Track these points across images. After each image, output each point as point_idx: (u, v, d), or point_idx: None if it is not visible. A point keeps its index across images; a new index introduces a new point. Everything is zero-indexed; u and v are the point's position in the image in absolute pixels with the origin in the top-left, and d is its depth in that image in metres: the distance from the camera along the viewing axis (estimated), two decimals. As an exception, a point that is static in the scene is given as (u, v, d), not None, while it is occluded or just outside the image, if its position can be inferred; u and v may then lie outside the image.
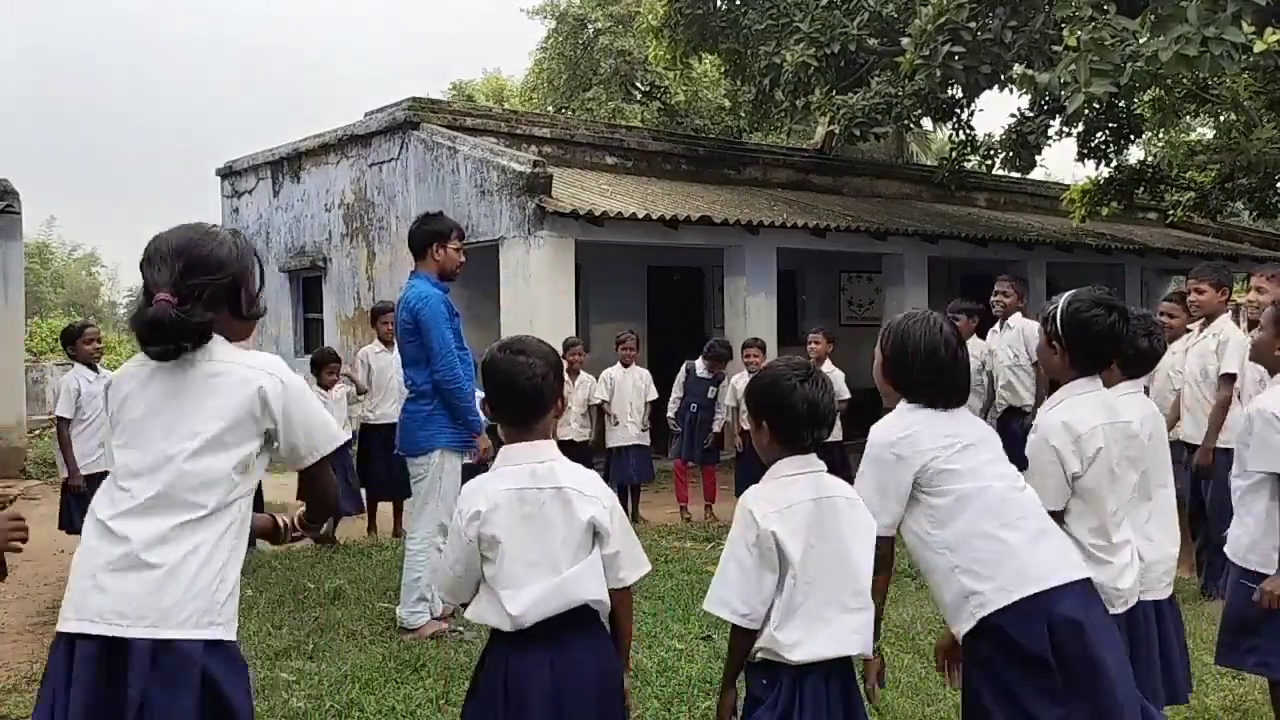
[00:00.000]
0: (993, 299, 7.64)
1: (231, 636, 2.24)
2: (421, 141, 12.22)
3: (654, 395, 8.69)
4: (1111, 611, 2.74)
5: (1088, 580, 2.60)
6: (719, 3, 13.53)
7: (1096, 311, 2.83)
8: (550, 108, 24.82)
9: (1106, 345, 2.88)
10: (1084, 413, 2.80)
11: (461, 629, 5.22)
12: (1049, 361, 2.99)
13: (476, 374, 5.47)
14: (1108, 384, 3.02)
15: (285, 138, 15.86)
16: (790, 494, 2.48)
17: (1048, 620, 2.46)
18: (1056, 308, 2.91)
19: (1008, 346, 7.48)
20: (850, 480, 2.62)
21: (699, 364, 8.64)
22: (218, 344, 2.31)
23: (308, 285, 14.87)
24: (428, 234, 5.32)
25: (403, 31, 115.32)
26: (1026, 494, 2.64)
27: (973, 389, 3.55)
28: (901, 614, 5.18)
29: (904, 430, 2.63)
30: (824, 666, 2.43)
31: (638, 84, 25.47)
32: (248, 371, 2.30)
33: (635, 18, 20.82)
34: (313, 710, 4.16)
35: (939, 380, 2.65)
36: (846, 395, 8.03)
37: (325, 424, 2.42)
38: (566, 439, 7.98)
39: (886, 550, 2.61)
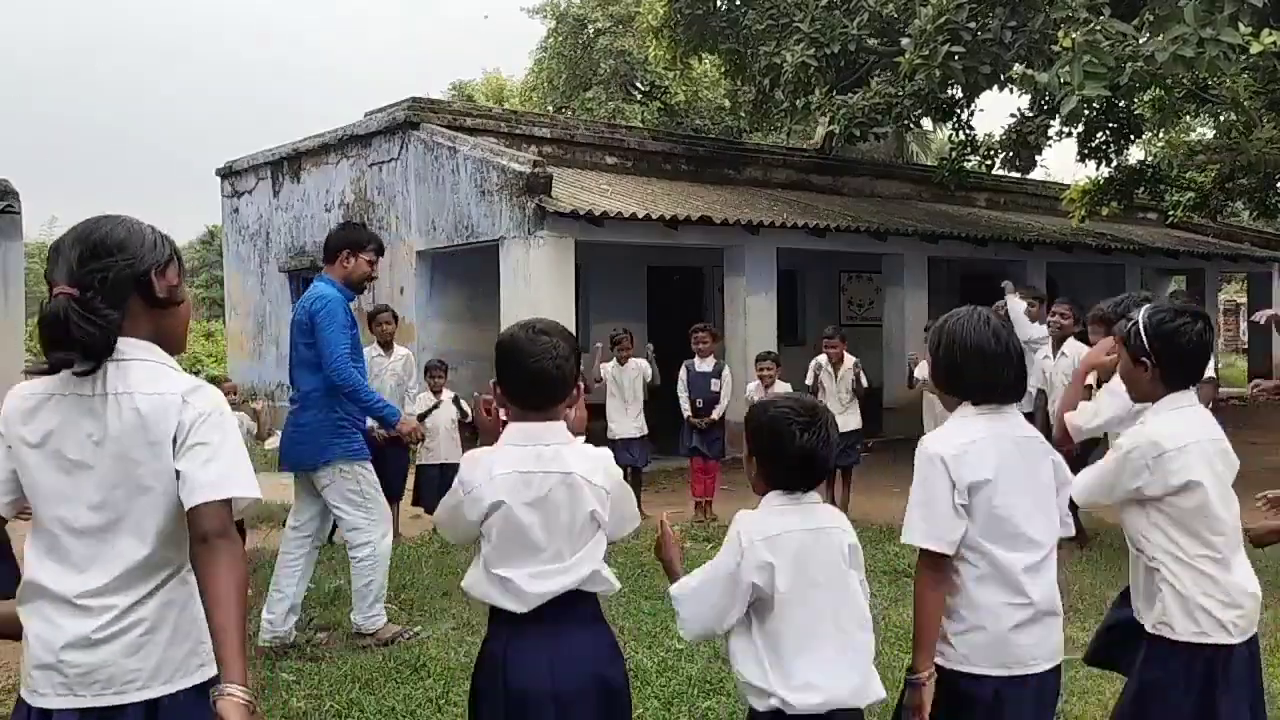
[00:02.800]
0: (1049, 319, 7.22)
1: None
2: (421, 141, 12.22)
3: (654, 377, 8.72)
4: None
5: None
6: (719, 3, 13.53)
7: (1183, 321, 2.70)
8: (550, 108, 24.82)
9: (1198, 356, 2.73)
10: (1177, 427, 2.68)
11: (418, 630, 5.25)
12: (1138, 382, 2.80)
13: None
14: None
15: (285, 138, 15.87)
16: (780, 524, 2.38)
17: None
18: (1137, 324, 2.75)
19: (1063, 374, 6.85)
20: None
21: (696, 360, 8.66)
22: (133, 359, 2.00)
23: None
24: (342, 239, 5.25)
25: (403, 31, 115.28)
26: None
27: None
28: (902, 614, 5.18)
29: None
30: (830, 716, 2.32)
31: (638, 84, 25.47)
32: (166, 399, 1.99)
33: (635, 18, 20.81)
34: (313, 710, 4.17)
35: (993, 378, 2.55)
36: (865, 384, 8.27)
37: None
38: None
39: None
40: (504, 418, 2.50)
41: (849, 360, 8.31)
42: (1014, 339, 2.60)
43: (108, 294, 1.96)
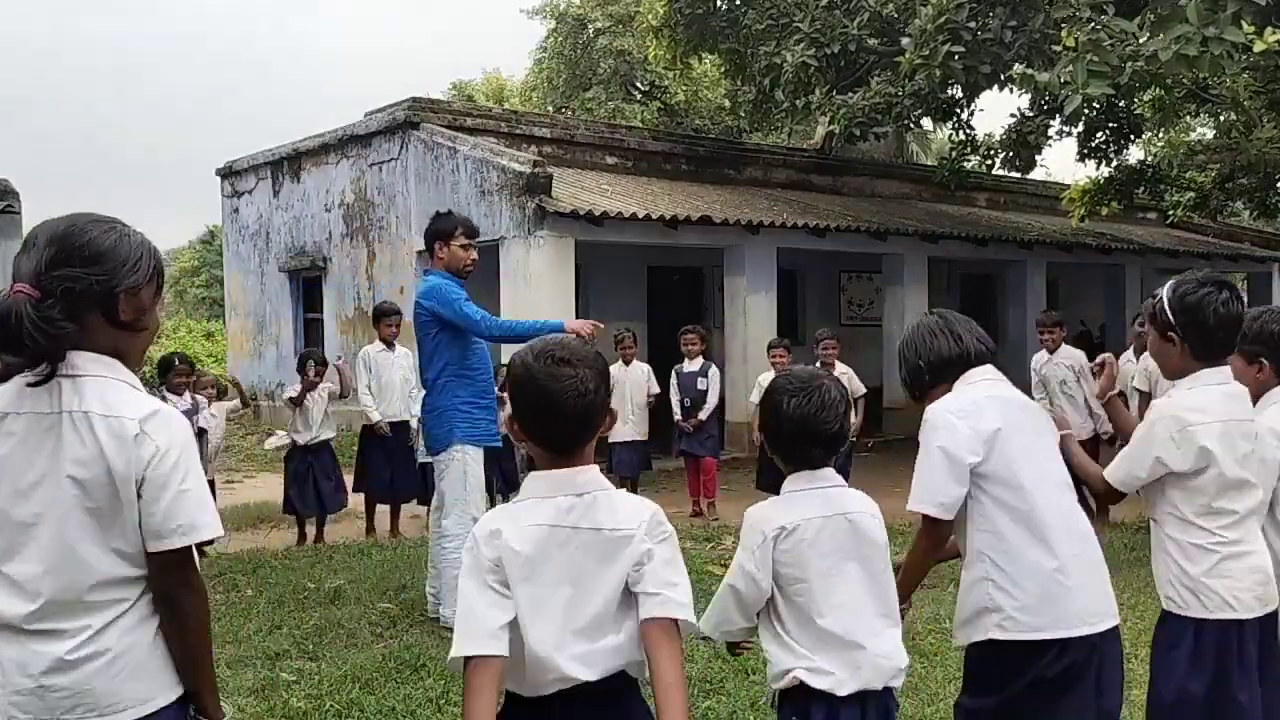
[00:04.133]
0: (1136, 325, 7.11)
1: None
2: (421, 141, 12.22)
3: (656, 389, 8.71)
4: None
5: None
6: (719, 3, 13.53)
7: (1207, 291, 2.63)
8: (550, 108, 24.83)
9: (1227, 326, 2.65)
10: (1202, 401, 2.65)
11: None
12: (1168, 359, 2.75)
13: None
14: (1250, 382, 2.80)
15: (285, 138, 15.87)
16: (796, 511, 2.33)
17: None
18: (1161, 299, 2.72)
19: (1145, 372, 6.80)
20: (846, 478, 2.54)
21: (685, 362, 8.68)
22: (88, 375, 1.87)
23: (308, 285, 14.88)
24: (431, 234, 5.43)
25: (403, 31, 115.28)
26: None
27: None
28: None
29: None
30: (860, 696, 2.28)
31: (638, 84, 25.48)
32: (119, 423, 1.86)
33: (635, 18, 20.80)
34: (313, 710, 4.16)
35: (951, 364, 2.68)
36: (862, 390, 8.16)
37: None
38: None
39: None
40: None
41: (840, 368, 8.02)
42: (956, 319, 2.74)
43: (68, 305, 1.82)
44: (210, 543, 2.04)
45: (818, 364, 8.30)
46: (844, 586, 2.31)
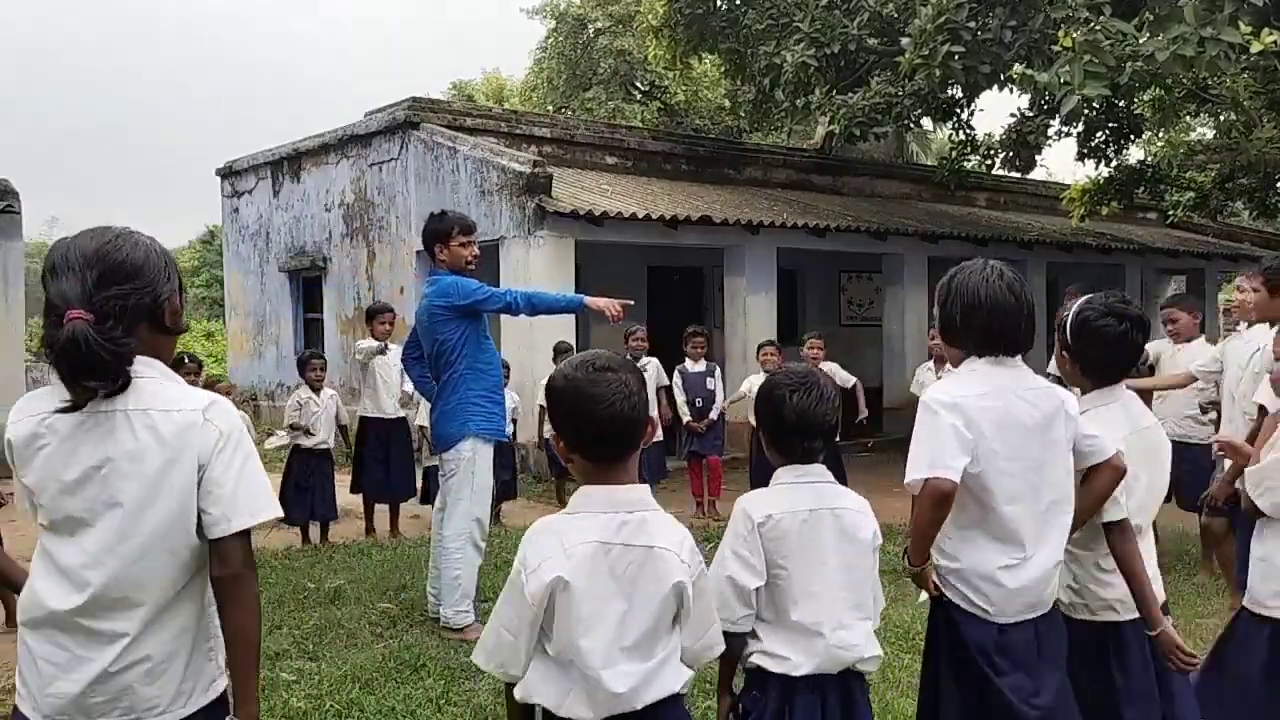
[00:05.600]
0: (1164, 328, 6.82)
1: None
2: (421, 141, 12.22)
3: (665, 381, 8.72)
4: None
5: None
6: (719, 3, 13.52)
7: (1107, 321, 2.71)
8: (550, 108, 24.82)
9: (1118, 355, 2.75)
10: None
11: None
12: (1065, 370, 2.90)
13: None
14: None
15: (285, 138, 15.87)
16: (786, 502, 2.42)
17: None
18: (1068, 315, 2.82)
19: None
20: (843, 478, 2.58)
21: (688, 363, 8.68)
22: (143, 377, 1.94)
23: (308, 285, 14.88)
24: (429, 237, 5.46)
25: (403, 31, 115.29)
26: None
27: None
28: (901, 614, 5.18)
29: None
30: (818, 680, 2.36)
31: (638, 84, 25.48)
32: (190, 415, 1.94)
33: (635, 18, 20.79)
34: (313, 710, 4.17)
35: (1000, 330, 2.61)
36: (851, 380, 8.13)
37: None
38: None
39: None
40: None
41: (827, 366, 8.02)
42: (1026, 290, 2.65)
43: (125, 322, 1.89)
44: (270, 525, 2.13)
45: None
46: (820, 578, 2.39)
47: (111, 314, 1.86)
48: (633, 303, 5.30)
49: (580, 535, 1.98)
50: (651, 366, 8.62)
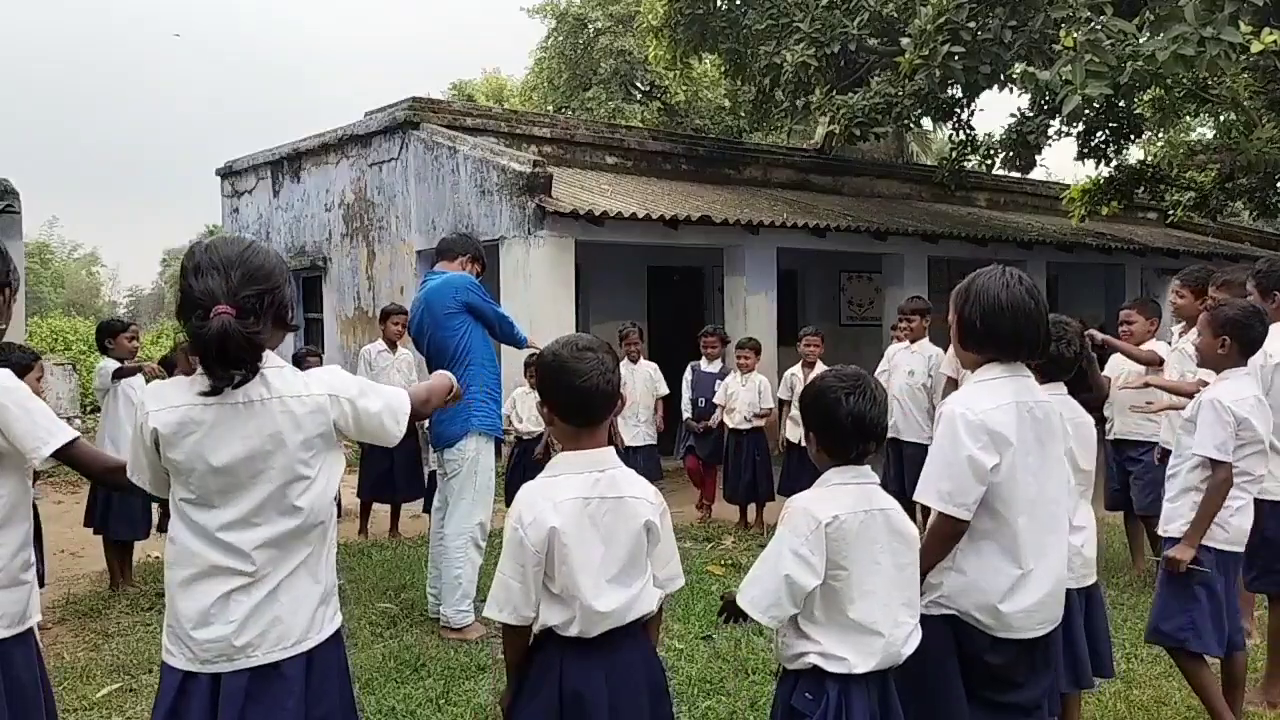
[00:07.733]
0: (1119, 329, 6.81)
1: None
2: (421, 141, 12.23)
3: (664, 390, 8.63)
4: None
5: None
6: (719, 3, 13.54)
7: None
8: (550, 108, 24.84)
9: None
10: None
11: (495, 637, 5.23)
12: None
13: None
14: None
15: (285, 137, 15.86)
16: (847, 502, 2.45)
17: None
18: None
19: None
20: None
21: (702, 362, 8.63)
22: (270, 367, 2.24)
23: (308, 285, 14.88)
24: (461, 244, 5.60)
25: (403, 31, 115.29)
26: None
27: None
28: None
29: None
30: (868, 677, 2.43)
31: (638, 84, 25.50)
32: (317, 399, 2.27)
33: (635, 18, 20.82)
34: (313, 710, 4.16)
35: (1020, 336, 2.65)
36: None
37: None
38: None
39: None
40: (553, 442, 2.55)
41: (821, 367, 7.93)
42: (1042, 295, 2.70)
43: (261, 318, 2.17)
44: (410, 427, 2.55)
45: (800, 362, 8.28)
46: (876, 577, 2.44)
47: (251, 310, 2.14)
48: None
49: (566, 492, 2.36)
50: (647, 370, 8.59)
